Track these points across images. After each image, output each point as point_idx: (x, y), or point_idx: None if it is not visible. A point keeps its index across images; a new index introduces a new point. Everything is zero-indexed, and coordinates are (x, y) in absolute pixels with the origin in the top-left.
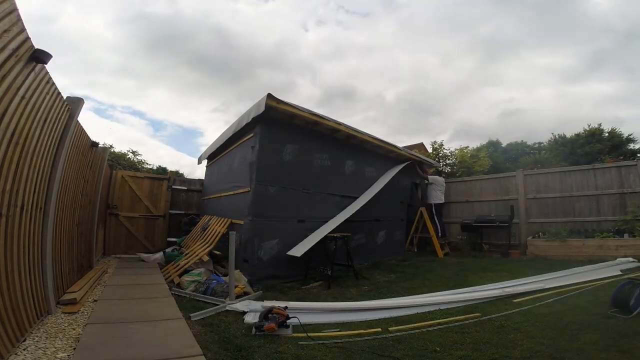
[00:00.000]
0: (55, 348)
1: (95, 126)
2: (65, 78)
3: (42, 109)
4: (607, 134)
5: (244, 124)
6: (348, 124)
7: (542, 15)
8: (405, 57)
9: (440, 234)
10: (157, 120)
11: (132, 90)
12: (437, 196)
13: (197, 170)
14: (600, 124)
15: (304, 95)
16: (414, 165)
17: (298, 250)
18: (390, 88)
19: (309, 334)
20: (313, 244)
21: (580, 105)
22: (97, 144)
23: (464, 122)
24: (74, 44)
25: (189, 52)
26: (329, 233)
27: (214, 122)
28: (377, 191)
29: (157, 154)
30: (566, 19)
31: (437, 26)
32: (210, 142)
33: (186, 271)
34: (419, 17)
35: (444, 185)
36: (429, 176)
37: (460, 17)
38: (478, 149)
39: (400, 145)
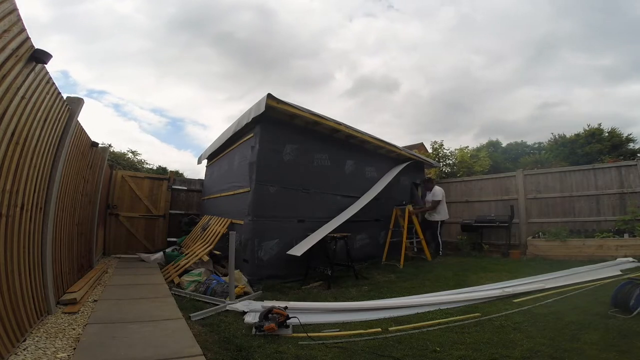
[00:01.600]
0: (55, 348)
1: (113, 125)
2: (89, 71)
3: (42, 109)
4: (607, 134)
5: (244, 123)
6: (375, 120)
7: (606, 17)
8: (449, 55)
9: (440, 250)
10: (178, 118)
11: (154, 85)
12: (444, 210)
13: None
14: (600, 124)
15: (336, 87)
16: (417, 165)
17: (298, 250)
18: (427, 85)
19: (309, 334)
20: (313, 243)
21: (618, 105)
22: (97, 143)
23: (494, 120)
24: (101, 26)
25: (222, 35)
26: (329, 233)
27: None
28: (380, 189)
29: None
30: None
31: (492, 25)
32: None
33: (186, 271)
34: (477, 14)
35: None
36: (434, 200)
37: (519, 17)
38: (478, 149)
39: (400, 145)
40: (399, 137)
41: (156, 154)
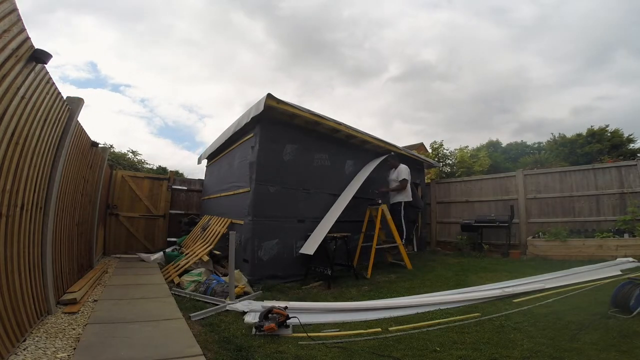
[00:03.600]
0: (55, 348)
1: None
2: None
3: (42, 109)
4: (608, 134)
5: (244, 123)
6: (414, 115)
7: None
8: (507, 55)
9: (404, 239)
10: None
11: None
12: (407, 190)
13: None
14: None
15: (386, 76)
16: (388, 156)
17: (309, 248)
18: (473, 85)
19: (309, 334)
20: (321, 239)
21: None
22: (97, 143)
23: (534, 119)
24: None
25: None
26: (328, 233)
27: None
28: (357, 188)
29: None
30: None
31: (567, 27)
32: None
33: (186, 271)
34: (556, 16)
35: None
36: (405, 179)
37: (597, 20)
38: (478, 149)
39: (401, 145)
40: (429, 136)
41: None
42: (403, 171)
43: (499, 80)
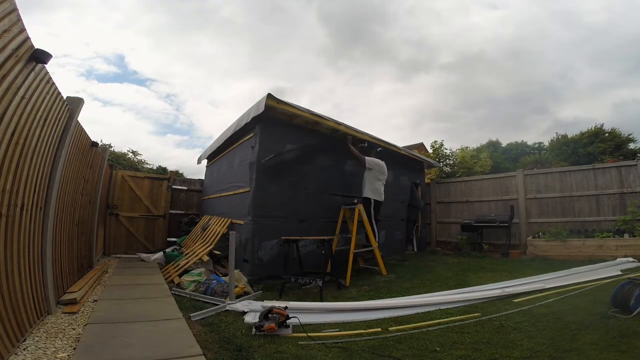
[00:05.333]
0: (55, 348)
1: None
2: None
3: (42, 109)
4: (607, 134)
5: (244, 123)
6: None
7: None
8: (558, 57)
9: (378, 241)
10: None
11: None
12: (378, 189)
13: None
14: (602, 124)
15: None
16: (345, 139)
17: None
18: (513, 86)
19: (309, 334)
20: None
21: None
22: (97, 143)
23: (569, 118)
24: None
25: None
26: (318, 237)
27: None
28: None
29: None
30: None
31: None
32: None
33: (186, 271)
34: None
35: (386, 174)
36: (367, 157)
37: None
38: (479, 149)
39: (401, 145)
40: (459, 135)
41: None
42: (372, 159)
43: (541, 81)
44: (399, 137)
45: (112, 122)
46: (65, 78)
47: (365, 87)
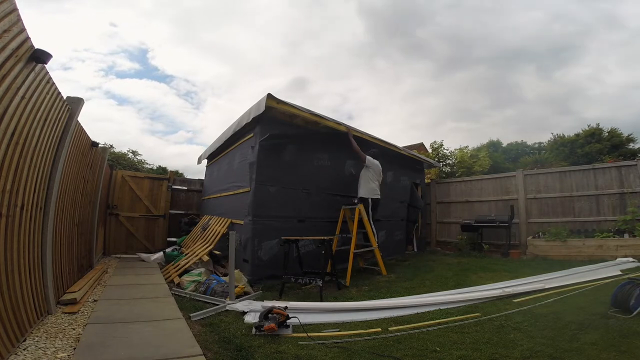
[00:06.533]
0: (55, 348)
1: None
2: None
3: (42, 109)
4: (606, 134)
5: (244, 123)
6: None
7: None
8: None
9: (378, 241)
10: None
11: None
12: (374, 189)
13: None
14: (598, 124)
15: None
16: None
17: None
18: (544, 88)
19: (309, 334)
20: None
21: None
22: (97, 143)
23: (594, 119)
24: None
25: None
26: (318, 237)
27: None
28: None
29: None
30: None
31: None
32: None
33: (186, 271)
34: None
35: (382, 175)
36: (366, 155)
37: None
38: (478, 149)
39: (401, 145)
40: (484, 135)
41: None
42: (371, 158)
43: (571, 82)
44: (416, 137)
45: (125, 121)
46: (83, 73)
47: (393, 84)
